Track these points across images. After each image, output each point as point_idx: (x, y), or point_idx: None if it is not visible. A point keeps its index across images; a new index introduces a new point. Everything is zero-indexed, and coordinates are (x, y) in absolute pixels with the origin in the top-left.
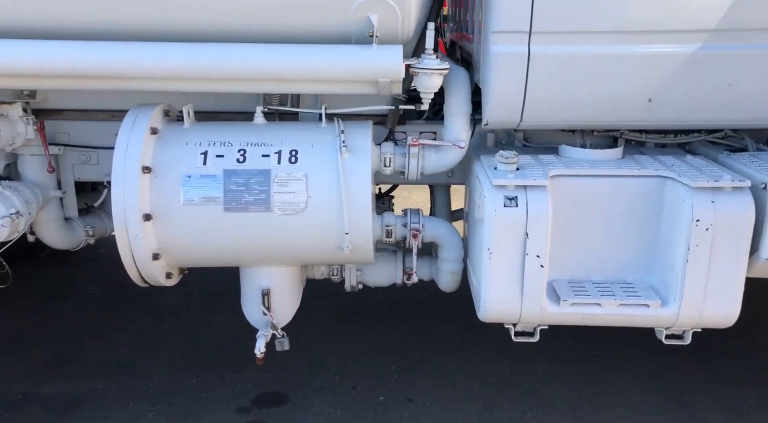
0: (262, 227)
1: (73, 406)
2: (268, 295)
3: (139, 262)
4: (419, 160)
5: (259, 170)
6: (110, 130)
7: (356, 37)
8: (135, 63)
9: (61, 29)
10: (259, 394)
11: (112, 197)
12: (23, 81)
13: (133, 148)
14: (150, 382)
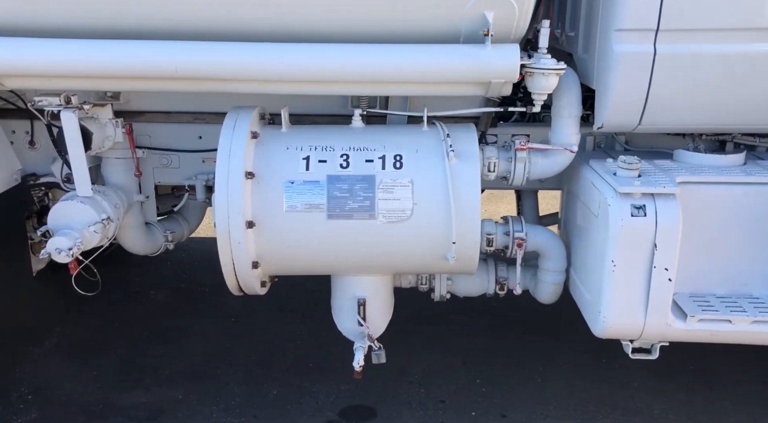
0: (365, 235)
1: (156, 416)
2: (364, 305)
3: (239, 270)
4: (526, 165)
5: (364, 176)
6: (192, 132)
7: (465, 36)
8: (236, 64)
9: (156, 30)
10: (345, 406)
11: (215, 203)
12: (113, 82)
13: (236, 152)
14: (230, 392)
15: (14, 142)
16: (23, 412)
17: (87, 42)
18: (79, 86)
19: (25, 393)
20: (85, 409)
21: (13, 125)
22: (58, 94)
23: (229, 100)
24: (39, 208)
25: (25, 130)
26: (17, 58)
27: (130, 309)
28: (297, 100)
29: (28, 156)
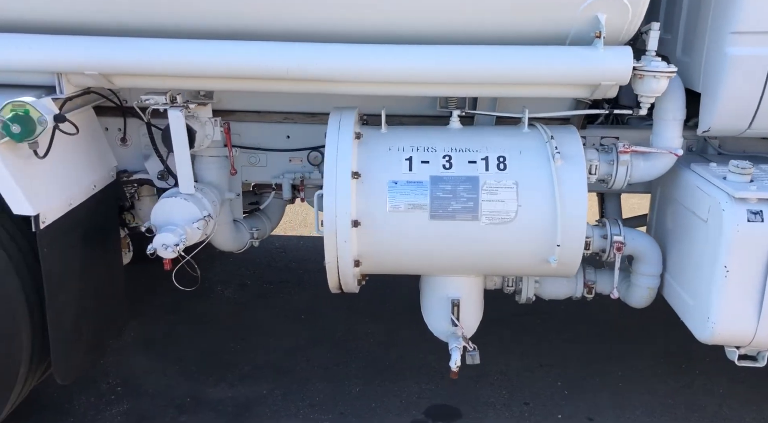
0: (467, 236)
1: (244, 411)
2: (458, 305)
3: (341, 268)
4: (628, 168)
5: (467, 177)
6: (280, 132)
7: (573, 38)
8: (348, 66)
9: (258, 31)
10: (430, 406)
11: (324, 202)
12: (220, 82)
13: (344, 153)
14: (312, 388)
15: (107, 139)
16: (115, 404)
17: (198, 43)
18: (187, 86)
19: (113, 385)
20: (175, 403)
21: (107, 123)
22: (164, 93)
23: (317, 101)
24: (130, 204)
25: (117, 127)
26: (128, 58)
27: (200, 305)
28: (384, 101)
29: (119, 153)
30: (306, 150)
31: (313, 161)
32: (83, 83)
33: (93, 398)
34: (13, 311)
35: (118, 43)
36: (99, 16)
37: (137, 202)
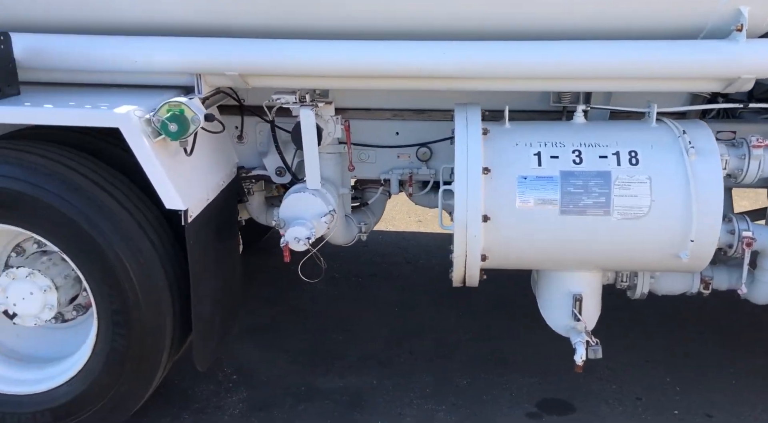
0: (597, 231)
1: (359, 400)
2: (580, 301)
3: (469, 262)
4: (761, 163)
5: (598, 172)
6: (390, 129)
7: (708, 31)
8: (480, 63)
9: (382, 30)
10: (540, 399)
11: (456, 198)
12: (351, 82)
13: (474, 149)
14: (420, 380)
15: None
16: (234, 391)
17: (340, 43)
18: (317, 85)
19: (228, 373)
20: (290, 391)
21: (224, 121)
22: (293, 93)
23: (427, 98)
24: (247, 200)
25: (234, 125)
26: (269, 59)
27: (294, 297)
28: (493, 97)
29: (236, 150)
30: (415, 146)
31: (422, 157)
32: (219, 83)
33: (212, 386)
34: (159, 301)
35: (260, 45)
36: (240, 18)
37: (250, 197)
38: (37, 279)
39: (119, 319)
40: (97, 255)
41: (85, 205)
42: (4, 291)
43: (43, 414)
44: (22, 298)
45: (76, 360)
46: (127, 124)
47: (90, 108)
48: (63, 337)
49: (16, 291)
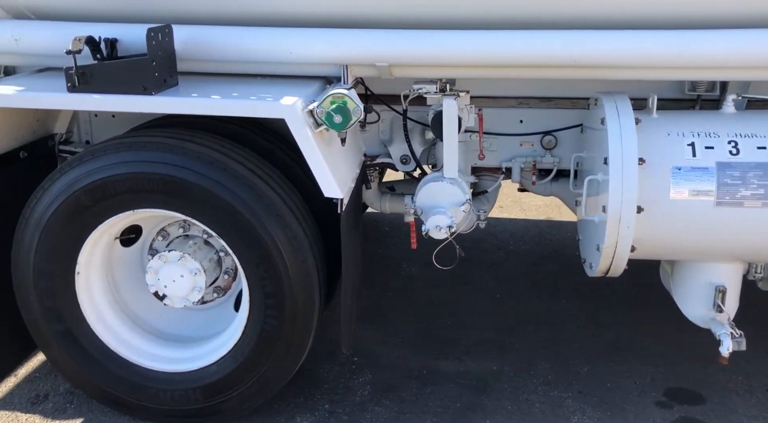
0: (756, 223)
1: (484, 385)
2: (723, 292)
3: (618, 253)
4: None
5: (758, 163)
6: (514, 116)
7: None
8: (627, 52)
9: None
10: (667, 388)
11: (611, 188)
12: (496, 71)
13: (628, 139)
14: (539, 366)
15: None
16: (358, 373)
17: (493, 33)
18: (459, 75)
19: (349, 355)
20: (413, 374)
21: None
22: (433, 82)
23: (555, 86)
24: (369, 187)
25: None
26: (417, 50)
27: (392, 281)
28: (625, 85)
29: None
30: (539, 134)
31: (547, 145)
32: (363, 74)
33: (336, 367)
34: (311, 285)
35: (413, 36)
36: (386, 9)
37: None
38: (187, 262)
39: (272, 301)
40: (255, 240)
41: (246, 193)
42: (155, 273)
43: (194, 391)
44: (173, 281)
45: (226, 340)
46: (292, 114)
47: (255, 99)
48: (201, 318)
49: (167, 273)
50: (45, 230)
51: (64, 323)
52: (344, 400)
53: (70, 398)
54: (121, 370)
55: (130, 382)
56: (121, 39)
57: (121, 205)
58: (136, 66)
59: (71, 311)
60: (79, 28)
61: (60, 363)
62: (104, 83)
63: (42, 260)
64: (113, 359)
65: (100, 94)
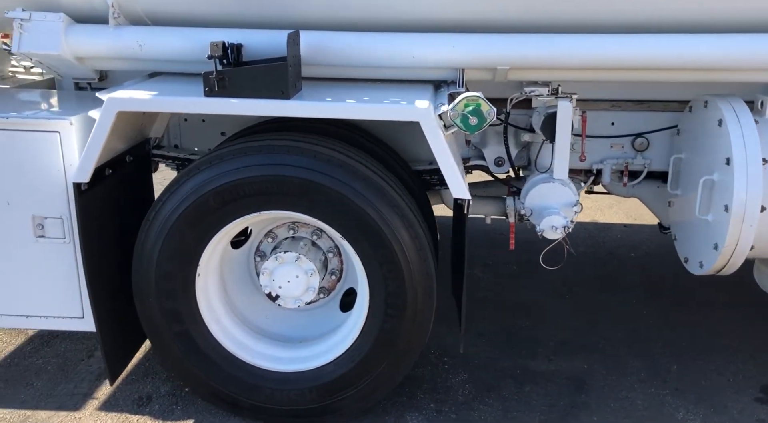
0: None
1: (581, 384)
2: None
3: (737, 252)
4: None
5: None
6: (605, 119)
7: None
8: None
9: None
10: (762, 385)
11: (735, 188)
12: (606, 73)
13: (751, 139)
14: (628, 364)
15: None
16: (454, 373)
17: (615, 37)
18: (572, 77)
19: (438, 355)
20: (507, 374)
21: None
22: (546, 85)
23: (647, 88)
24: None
25: None
26: (540, 53)
27: (483, 279)
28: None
29: None
30: (630, 136)
31: (638, 147)
32: (476, 77)
33: (429, 367)
34: (431, 285)
35: (537, 40)
36: (506, 13)
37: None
38: (302, 263)
39: (394, 301)
40: (380, 240)
41: (372, 194)
42: (270, 274)
43: (310, 391)
44: (288, 281)
45: (342, 340)
46: (427, 117)
47: (390, 103)
48: (304, 319)
49: (282, 274)
50: (170, 232)
51: (182, 324)
52: (447, 399)
53: (174, 399)
54: (236, 371)
55: (245, 383)
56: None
57: (248, 207)
58: (274, 70)
59: (190, 312)
60: (202, 34)
61: (176, 364)
62: (241, 87)
63: (165, 262)
64: (229, 360)
65: (237, 99)
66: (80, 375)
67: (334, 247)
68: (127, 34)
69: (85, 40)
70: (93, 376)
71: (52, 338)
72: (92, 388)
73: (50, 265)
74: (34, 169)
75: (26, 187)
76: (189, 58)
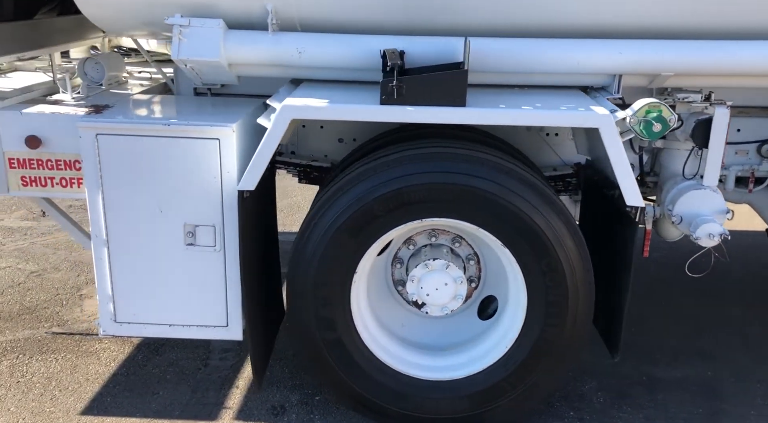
0: None
1: (710, 390)
2: None
3: None
4: None
5: None
6: (731, 125)
7: None
8: None
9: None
10: None
11: None
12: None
13: None
14: (756, 371)
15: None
16: (580, 380)
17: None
18: (734, 84)
19: None
20: (635, 381)
21: None
22: (698, 91)
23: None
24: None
25: None
26: (701, 59)
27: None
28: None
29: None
30: (756, 143)
31: (765, 154)
32: (632, 83)
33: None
34: (592, 293)
35: (701, 46)
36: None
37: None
38: (452, 271)
39: (554, 310)
40: (544, 248)
41: (539, 201)
42: (418, 282)
43: (461, 400)
44: (436, 289)
45: (493, 348)
46: (607, 124)
47: (568, 109)
48: (439, 326)
49: (431, 282)
50: (332, 239)
51: (335, 332)
52: (584, 407)
53: (308, 408)
54: (386, 379)
55: (394, 391)
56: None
57: (411, 215)
58: (452, 78)
59: (344, 320)
60: (363, 41)
61: (326, 372)
62: (416, 95)
63: (324, 270)
64: (378, 367)
65: (415, 107)
66: (203, 384)
67: (473, 254)
68: (287, 40)
69: (244, 46)
70: (216, 385)
71: (160, 346)
72: (220, 397)
73: (198, 273)
74: (191, 177)
75: (180, 194)
76: (349, 66)
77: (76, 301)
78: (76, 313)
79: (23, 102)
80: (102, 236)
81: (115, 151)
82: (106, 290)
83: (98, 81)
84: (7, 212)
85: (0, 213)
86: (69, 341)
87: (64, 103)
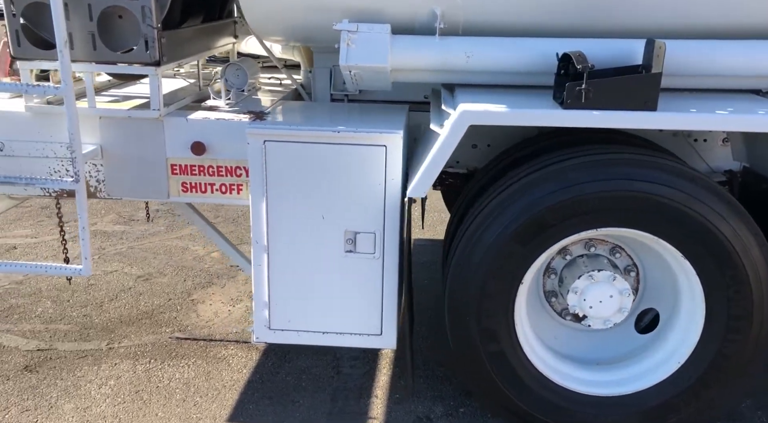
0: None
1: None
2: None
3: None
4: None
5: None
6: None
7: None
8: None
9: None
10: None
11: None
12: None
13: None
14: None
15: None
16: None
17: None
18: None
19: None
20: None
21: None
22: None
23: None
24: None
25: None
26: None
27: None
28: None
29: None
30: None
31: None
32: None
33: None
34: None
35: None
36: None
37: None
38: (618, 283)
39: (737, 324)
40: (729, 260)
41: (726, 210)
42: (581, 293)
43: (628, 417)
44: (600, 301)
45: (662, 363)
46: None
47: (765, 114)
48: (587, 339)
49: (595, 294)
50: (499, 250)
51: (498, 344)
52: None
53: (454, 421)
54: (548, 393)
55: (556, 406)
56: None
57: (585, 224)
58: (643, 81)
59: (507, 331)
60: (536, 44)
61: (487, 385)
62: (601, 99)
63: (490, 281)
64: (540, 381)
65: (601, 111)
66: (340, 392)
67: (632, 265)
68: (456, 44)
69: (410, 51)
70: (354, 394)
71: (286, 353)
72: (362, 406)
73: (356, 281)
74: (355, 183)
75: (344, 200)
76: (518, 69)
77: (189, 306)
78: (192, 318)
79: (181, 108)
80: (263, 242)
81: (282, 157)
82: (263, 297)
83: (240, 87)
84: (99, 216)
85: (91, 217)
86: (195, 347)
87: (220, 110)
